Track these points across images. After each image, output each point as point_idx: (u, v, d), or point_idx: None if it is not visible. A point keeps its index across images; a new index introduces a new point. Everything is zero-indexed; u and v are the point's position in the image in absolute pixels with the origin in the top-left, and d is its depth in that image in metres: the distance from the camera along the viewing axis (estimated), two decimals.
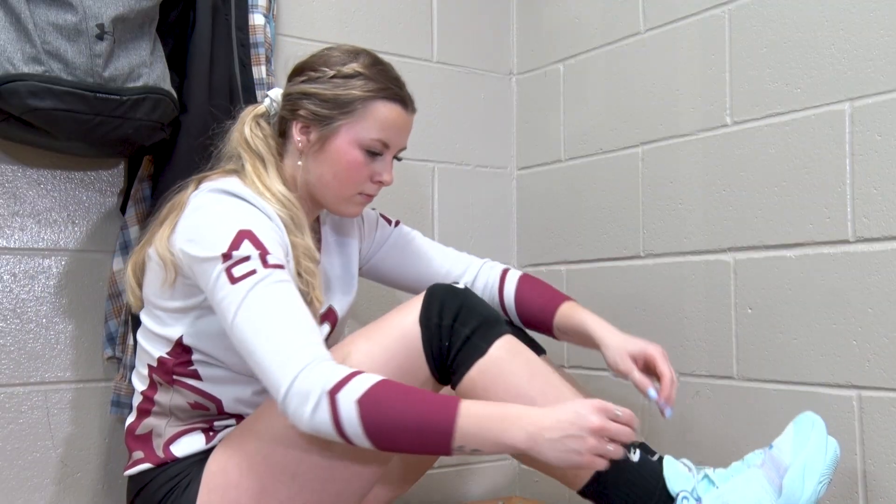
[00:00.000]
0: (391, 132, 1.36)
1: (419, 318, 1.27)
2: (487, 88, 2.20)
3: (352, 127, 1.33)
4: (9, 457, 1.61)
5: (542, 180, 2.15)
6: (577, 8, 2.06)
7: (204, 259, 1.21)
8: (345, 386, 1.11)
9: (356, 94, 1.33)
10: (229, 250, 1.19)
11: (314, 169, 1.36)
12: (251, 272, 1.17)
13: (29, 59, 1.38)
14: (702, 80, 1.75)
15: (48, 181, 1.66)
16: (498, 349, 1.26)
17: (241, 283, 1.17)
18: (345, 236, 1.52)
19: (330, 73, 1.35)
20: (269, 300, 1.17)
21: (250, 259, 1.18)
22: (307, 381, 1.11)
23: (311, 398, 1.10)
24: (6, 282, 1.63)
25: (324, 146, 1.35)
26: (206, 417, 1.33)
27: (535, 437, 1.10)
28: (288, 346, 1.14)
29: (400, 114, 1.36)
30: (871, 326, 1.45)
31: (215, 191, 1.28)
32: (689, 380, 1.75)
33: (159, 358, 1.32)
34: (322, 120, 1.34)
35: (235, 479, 1.24)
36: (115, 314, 1.66)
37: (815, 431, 1.22)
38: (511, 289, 1.54)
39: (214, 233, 1.22)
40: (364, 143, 1.34)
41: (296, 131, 1.36)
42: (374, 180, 1.38)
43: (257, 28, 1.73)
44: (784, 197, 1.59)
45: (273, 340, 1.14)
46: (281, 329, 1.15)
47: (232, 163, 1.38)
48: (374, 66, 1.36)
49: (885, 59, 1.45)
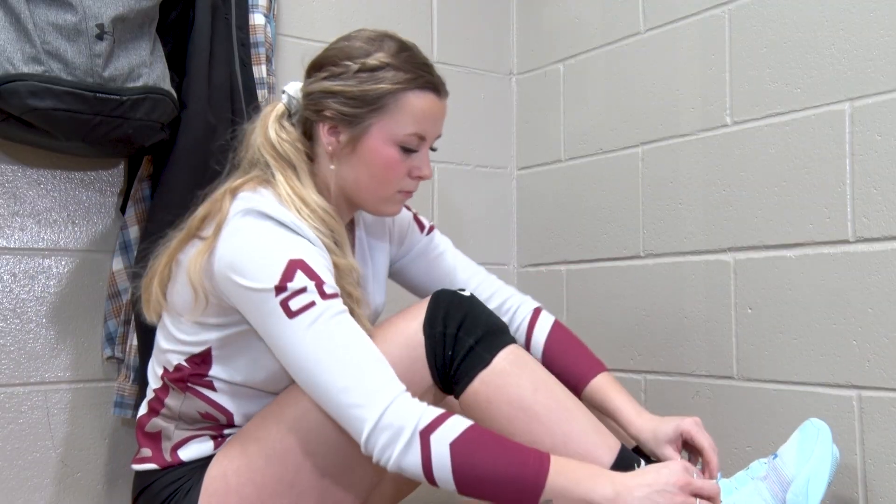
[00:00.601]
0: (427, 123, 1.28)
1: (423, 326, 1.24)
2: (487, 88, 2.20)
3: (384, 124, 1.25)
4: (9, 457, 1.61)
5: (542, 180, 2.15)
6: (577, 8, 2.06)
7: (253, 290, 1.14)
8: (438, 427, 1.08)
9: (385, 87, 1.24)
10: (282, 282, 1.12)
11: (348, 172, 1.29)
12: (310, 304, 1.12)
13: (29, 59, 1.38)
14: (702, 80, 1.75)
15: (48, 181, 1.66)
16: (502, 360, 1.24)
17: (300, 318, 1.11)
18: (377, 239, 1.46)
19: (354, 67, 1.25)
20: (336, 335, 1.12)
21: (307, 290, 1.12)
22: (397, 418, 1.07)
23: (403, 436, 1.07)
24: (6, 282, 1.63)
25: (356, 147, 1.27)
26: (215, 426, 1.31)
27: (622, 494, 1.08)
28: (367, 382, 1.09)
29: (434, 102, 1.29)
30: (871, 326, 1.45)
31: (253, 214, 1.20)
32: (689, 380, 1.75)
33: (177, 364, 1.28)
34: (351, 119, 1.25)
35: (235, 485, 1.23)
36: (115, 314, 1.66)
37: (819, 443, 1.22)
38: (540, 339, 1.46)
39: (263, 262, 1.15)
40: (399, 139, 1.26)
41: (323, 133, 1.28)
42: (413, 175, 1.30)
43: (257, 28, 1.73)
44: (784, 197, 1.59)
45: (348, 377, 1.10)
46: (354, 365, 1.10)
47: (258, 169, 1.29)
48: (400, 52, 1.27)
49: (885, 59, 1.45)
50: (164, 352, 1.30)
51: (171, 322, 1.29)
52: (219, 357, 1.26)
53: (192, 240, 1.25)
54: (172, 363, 1.28)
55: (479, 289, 1.49)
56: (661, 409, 1.79)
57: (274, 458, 1.22)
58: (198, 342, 1.26)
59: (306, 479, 1.22)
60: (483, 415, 1.24)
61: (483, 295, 1.48)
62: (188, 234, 1.26)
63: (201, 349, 1.26)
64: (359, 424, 1.09)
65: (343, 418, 1.11)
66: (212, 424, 1.30)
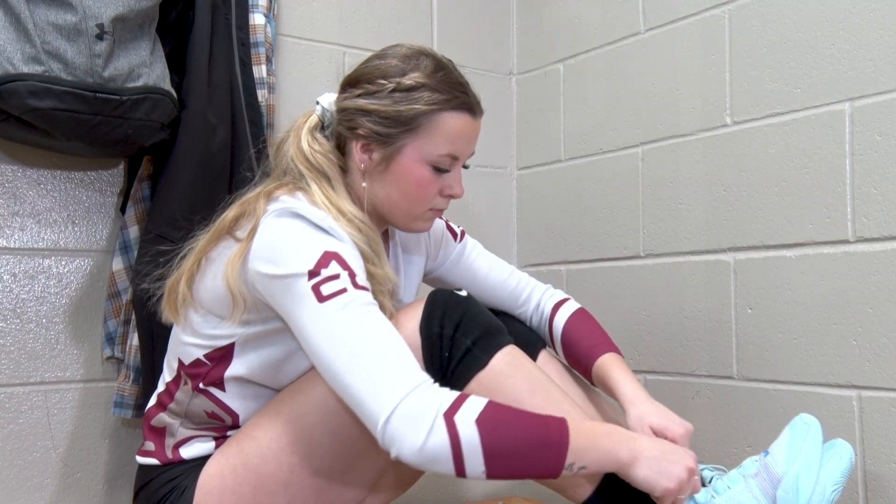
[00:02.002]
0: (460, 144, 1.27)
1: (420, 326, 1.24)
2: (487, 88, 2.19)
3: (418, 144, 1.25)
4: (9, 457, 1.61)
5: (542, 180, 2.15)
6: (577, 8, 2.06)
7: (285, 276, 1.13)
8: (461, 407, 1.06)
9: (420, 108, 1.24)
10: (317, 267, 1.12)
11: (380, 190, 1.29)
12: (342, 290, 1.11)
13: (29, 59, 1.38)
14: (702, 80, 1.75)
15: (48, 181, 1.66)
16: (498, 362, 1.23)
17: (330, 302, 1.10)
18: (412, 253, 1.46)
19: (389, 87, 1.25)
20: (363, 321, 1.10)
21: (340, 278, 1.11)
22: (417, 405, 1.05)
23: (425, 422, 1.04)
24: (6, 282, 1.63)
25: (389, 166, 1.27)
26: (219, 427, 1.31)
27: (636, 453, 1.11)
28: (390, 370, 1.07)
29: (468, 123, 1.28)
30: (871, 326, 1.45)
31: (288, 214, 1.19)
32: (689, 380, 1.75)
33: (196, 359, 1.27)
34: (385, 139, 1.25)
35: (231, 484, 1.23)
36: (115, 314, 1.66)
37: (809, 439, 1.22)
38: (560, 324, 1.48)
39: (299, 250, 1.14)
40: (432, 159, 1.26)
41: (356, 150, 1.28)
42: (445, 194, 1.31)
43: (258, 28, 1.73)
44: (784, 197, 1.59)
45: (371, 363, 1.07)
46: (380, 352, 1.08)
47: (290, 177, 1.28)
48: (436, 72, 1.26)
49: (885, 59, 1.45)
50: (185, 345, 1.28)
51: (196, 316, 1.27)
52: (240, 353, 1.25)
53: (224, 239, 1.24)
54: (192, 357, 1.27)
55: (517, 288, 1.52)
56: None
57: (269, 457, 1.22)
58: (223, 336, 1.24)
59: (301, 479, 1.23)
60: None
61: (522, 294, 1.52)
62: (218, 233, 1.25)
63: (226, 342, 1.25)
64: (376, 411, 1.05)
65: (361, 404, 1.08)
66: (216, 425, 1.30)
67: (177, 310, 1.27)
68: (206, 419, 1.30)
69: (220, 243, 1.25)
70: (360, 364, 1.08)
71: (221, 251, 1.24)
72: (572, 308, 1.50)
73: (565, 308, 1.50)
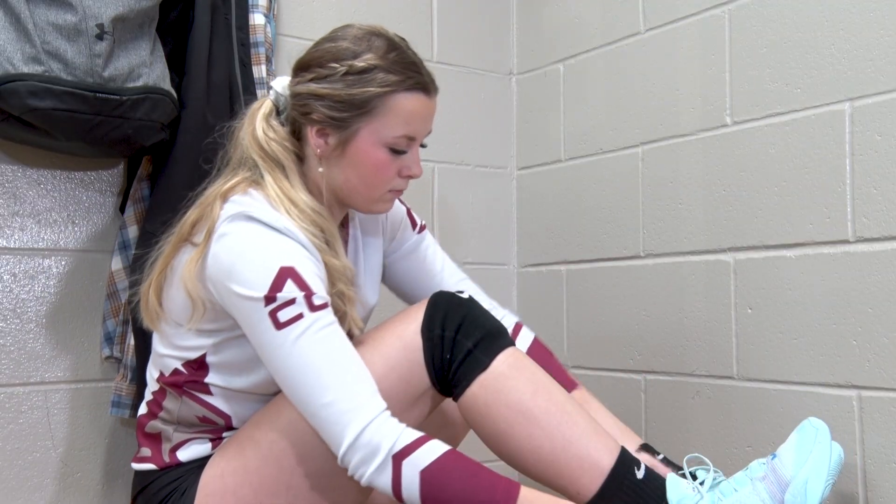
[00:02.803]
0: (416, 124, 1.26)
1: (421, 328, 1.24)
2: (487, 88, 2.20)
3: (373, 127, 1.24)
4: (9, 457, 1.61)
5: (542, 180, 2.15)
6: (577, 8, 2.06)
7: (243, 297, 1.14)
8: (412, 453, 1.10)
9: (374, 90, 1.22)
10: (272, 292, 1.13)
11: (338, 174, 1.27)
12: (298, 316, 1.13)
13: (29, 59, 1.38)
14: (702, 80, 1.75)
15: (48, 181, 1.66)
16: (500, 363, 1.23)
17: (288, 330, 1.12)
18: (371, 236, 1.45)
19: (341, 70, 1.23)
20: (322, 349, 1.13)
21: (296, 302, 1.13)
22: (374, 438, 1.10)
23: (377, 458, 1.10)
24: (6, 282, 1.63)
25: (345, 150, 1.25)
26: (214, 429, 1.31)
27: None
28: (348, 399, 1.11)
29: (423, 102, 1.26)
30: (871, 326, 1.45)
31: (243, 218, 1.19)
32: (689, 380, 1.75)
33: (174, 369, 1.28)
34: (339, 123, 1.24)
35: (232, 486, 1.23)
36: (114, 314, 1.66)
37: (818, 444, 1.22)
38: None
39: (254, 270, 1.15)
40: (388, 141, 1.25)
41: (311, 136, 1.26)
42: (403, 175, 1.29)
43: (257, 28, 1.73)
44: (784, 197, 1.59)
45: (331, 392, 1.11)
46: (338, 380, 1.12)
47: (246, 169, 1.28)
48: (388, 52, 1.25)
49: (885, 59, 1.44)
50: (161, 356, 1.29)
51: (168, 327, 1.28)
52: (214, 362, 1.26)
53: (185, 245, 1.25)
54: (170, 367, 1.28)
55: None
56: (661, 409, 1.80)
57: (270, 459, 1.22)
58: (193, 347, 1.26)
59: (302, 481, 1.22)
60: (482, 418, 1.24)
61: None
62: (180, 239, 1.25)
63: (197, 354, 1.26)
64: (337, 440, 1.11)
65: (324, 432, 1.14)
66: (210, 428, 1.30)
67: (149, 316, 1.28)
68: (198, 423, 1.30)
69: (181, 250, 1.25)
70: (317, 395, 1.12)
71: (182, 259, 1.24)
72: (529, 338, 1.47)
73: (522, 337, 1.47)
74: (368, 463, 1.10)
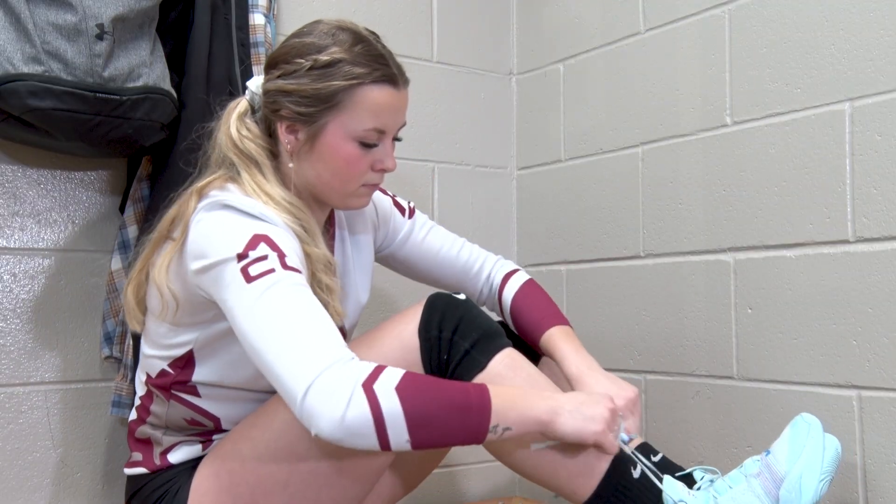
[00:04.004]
0: (384, 117, 1.25)
1: (418, 330, 1.24)
2: (487, 88, 2.20)
3: (341, 120, 1.23)
4: (9, 457, 1.61)
5: (542, 180, 2.15)
6: (577, 8, 2.06)
7: (215, 263, 1.13)
8: (379, 376, 1.05)
9: (339, 84, 1.21)
10: (245, 250, 1.12)
11: (309, 170, 1.27)
12: (269, 271, 1.10)
13: (29, 59, 1.38)
14: (702, 80, 1.75)
15: (48, 181, 1.66)
16: (497, 364, 1.24)
17: (257, 282, 1.10)
18: (359, 233, 1.45)
19: (306, 65, 1.22)
20: (288, 300, 1.09)
21: (268, 259, 1.11)
22: (335, 378, 1.03)
23: (343, 393, 1.02)
24: (6, 282, 1.63)
25: (314, 145, 1.25)
26: (203, 432, 1.31)
27: (556, 409, 1.13)
28: (310, 346, 1.06)
29: (391, 94, 1.25)
30: (871, 326, 1.45)
31: (217, 206, 1.19)
32: (689, 380, 1.75)
33: (161, 370, 1.27)
34: (307, 118, 1.23)
35: (228, 484, 1.23)
36: (114, 314, 1.66)
37: (810, 438, 1.22)
38: (509, 295, 1.48)
39: (227, 236, 1.14)
40: (357, 134, 1.24)
41: (282, 132, 1.26)
42: (376, 169, 1.28)
43: (257, 28, 1.73)
44: (784, 197, 1.59)
45: (292, 339, 1.07)
46: (301, 329, 1.08)
47: (224, 168, 1.28)
48: (354, 45, 1.23)
49: (885, 59, 1.44)
50: (148, 357, 1.29)
51: (152, 326, 1.28)
52: (200, 358, 1.26)
53: (163, 243, 1.25)
54: (156, 369, 1.28)
55: (469, 260, 1.53)
56: (661, 410, 1.80)
57: (267, 457, 1.22)
58: (179, 344, 1.25)
59: (300, 480, 1.22)
60: None
61: (474, 266, 1.53)
62: (159, 237, 1.26)
63: (183, 351, 1.25)
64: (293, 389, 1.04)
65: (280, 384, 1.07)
66: (200, 430, 1.30)
67: (131, 317, 1.28)
68: (187, 426, 1.30)
69: (161, 248, 1.25)
70: (281, 342, 1.07)
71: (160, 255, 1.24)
72: (522, 279, 1.50)
73: (515, 279, 1.50)
74: (334, 401, 1.02)
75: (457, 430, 1.08)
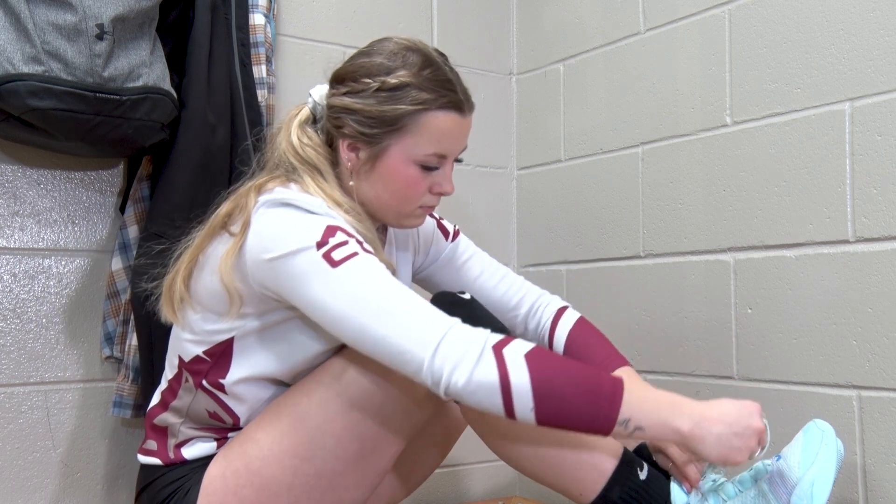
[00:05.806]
0: (447, 143, 1.24)
1: None
2: (487, 88, 2.20)
3: (403, 144, 1.22)
4: (9, 457, 1.61)
5: (542, 180, 2.15)
6: (577, 8, 2.06)
7: (290, 253, 1.12)
8: (510, 342, 1.06)
9: (405, 108, 1.21)
10: (324, 237, 1.11)
11: (368, 189, 1.26)
12: (353, 254, 1.10)
13: (29, 58, 1.38)
14: (702, 80, 1.75)
15: (48, 181, 1.66)
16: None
17: (345, 265, 1.09)
18: (402, 251, 1.45)
19: (373, 86, 1.22)
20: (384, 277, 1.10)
21: (349, 244, 1.11)
22: (464, 337, 1.05)
23: (473, 352, 1.04)
24: (6, 282, 1.63)
25: (375, 166, 1.24)
26: (221, 428, 1.31)
27: (701, 426, 1.09)
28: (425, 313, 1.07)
29: (455, 121, 1.24)
30: (871, 326, 1.45)
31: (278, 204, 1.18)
32: (689, 380, 1.75)
33: (196, 356, 1.26)
34: (370, 139, 1.23)
35: (234, 486, 1.23)
36: (114, 314, 1.66)
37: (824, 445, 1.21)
38: (563, 334, 1.43)
39: (301, 228, 1.14)
40: (419, 159, 1.23)
41: (343, 149, 1.26)
42: (434, 192, 1.28)
43: (257, 28, 1.73)
44: (784, 197, 1.59)
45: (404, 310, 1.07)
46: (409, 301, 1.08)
47: (283, 170, 1.27)
48: (423, 69, 1.23)
49: (885, 59, 1.45)
50: (184, 342, 1.28)
51: (195, 314, 1.26)
52: (240, 348, 1.24)
53: (219, 234, 1.23)
54: (191, 354, 1.26)
55: (508, 292, 1.48)
56: None
57: (272, 459, 1.22)
58: (222, 330, 1.24)
59: (304, 482, 1.22)
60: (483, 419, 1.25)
61: (513, 299, 1.47)
62: (212, 229, 1.24)
63: (225, 337, 1.23)
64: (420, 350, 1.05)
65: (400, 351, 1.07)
66: (217, 426, 1.30)
67: (174, 309, 1.27)
68: (207, 419, 1.30)
69: (215, 239, 1.24)
70: (391, 314, 1.07)
71: (216, 247, 1.23)
72: (574, 317, 1.45)
73: (567, 317, 1.45)
74: (464, 360, 1.03)
75: (584, 411, 1.05)
